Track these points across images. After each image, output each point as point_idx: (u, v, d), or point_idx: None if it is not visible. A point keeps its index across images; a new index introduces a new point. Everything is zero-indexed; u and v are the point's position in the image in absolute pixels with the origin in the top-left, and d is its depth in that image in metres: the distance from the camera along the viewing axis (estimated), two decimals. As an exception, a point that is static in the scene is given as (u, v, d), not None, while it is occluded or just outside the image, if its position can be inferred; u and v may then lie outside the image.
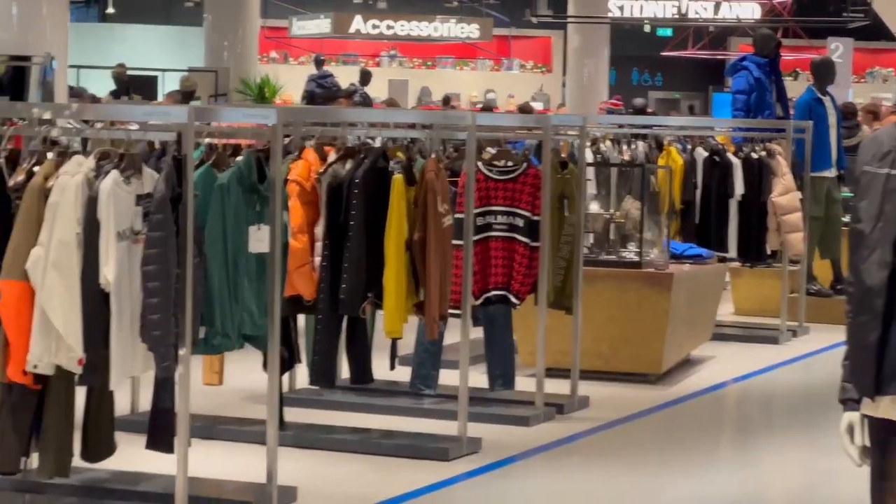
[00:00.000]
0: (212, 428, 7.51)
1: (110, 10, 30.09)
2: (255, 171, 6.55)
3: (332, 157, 7.79)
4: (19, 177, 5.95)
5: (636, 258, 9.49)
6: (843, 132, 12.80)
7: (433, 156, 7.80)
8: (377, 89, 24.41)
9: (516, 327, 8.66)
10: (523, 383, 8.49)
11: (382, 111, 12.79)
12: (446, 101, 25.21)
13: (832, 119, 12.06)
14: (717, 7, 20.58)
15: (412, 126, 8.63)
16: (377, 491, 6.72)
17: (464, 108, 25.85)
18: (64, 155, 6.05)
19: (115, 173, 5.99)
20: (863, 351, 3.48)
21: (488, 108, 23.39)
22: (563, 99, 26.16)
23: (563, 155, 9.02)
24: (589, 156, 9.94)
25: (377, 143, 7.99)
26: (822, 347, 10.83)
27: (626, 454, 8.07)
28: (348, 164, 7.76)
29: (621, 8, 22.77)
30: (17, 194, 5.89)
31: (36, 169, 5.97)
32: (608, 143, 10.86)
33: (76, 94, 17.20)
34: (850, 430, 3.54)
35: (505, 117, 14.49)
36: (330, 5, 28.71)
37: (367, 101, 19.65)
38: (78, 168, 5.85)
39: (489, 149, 8.76)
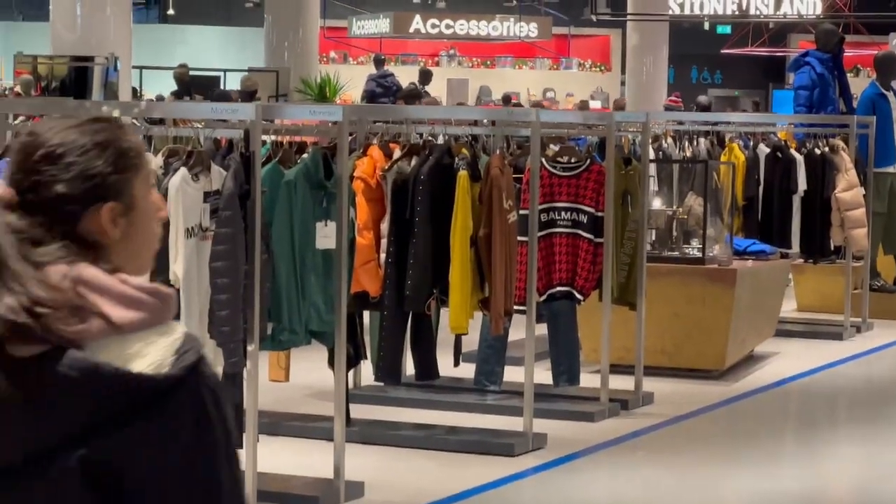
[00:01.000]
0: (278, 424, 7.55)
1: (171, 11, 30.35)
2: (321, 167, 6.59)
3: (396, 153, 7.81)
4: None
5: (699, 254, 9.52)
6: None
7: (497, 152, 7.86)
8: (437, 88, 24.48)
9: (580, 323, 8.66)
10: (588, 379, 8.48)
11: (448, 108, 12.80)
12: (507, 99, 25.07)
13: (861, 115, 12.26)
14: (777, 3, 20.35)
15: (476, 123, 8.65)
16: (443, 486, 6.76)
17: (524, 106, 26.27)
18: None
19: (183, 170, 6.04)
20: None
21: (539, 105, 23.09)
22: (624, 99, 25.76)
23: (625, 151, 9.12)
24: (651, 152, 9.97)
25: (441, 140, 8.01)
26: (886, 343, 10.83)
27: (690, 450, 8.09)
28: (413, 161, 7.79)
29: (681, 5, 22.68)
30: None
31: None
32: (669, 139, 10.83)
33: (221, 96, 17.19)
34: None
35: (568, 114, 14.42)
36: (389, 5, 28.75)
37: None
38: (146, 165, 5.95)
39: (552, 146, 8.75)
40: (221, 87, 21.89)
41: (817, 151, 10.95)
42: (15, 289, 1.68)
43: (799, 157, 10.87)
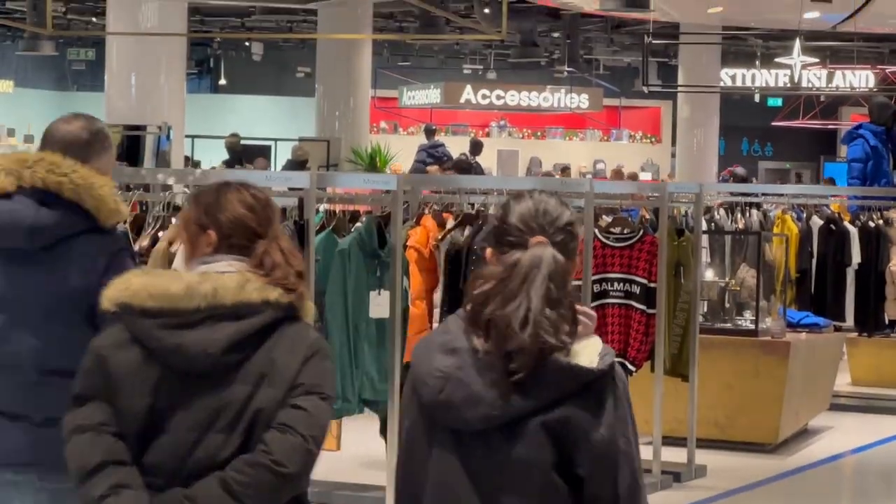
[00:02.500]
0: (329, 494, 7.48)
1: (222, 80, 30.36)
2: (375, 236, 6.64)
3: (450, 223, 7.86)
4: (144, 241, 6.08)
5: (752, 326, 9.44)
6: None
7: None
8: (487, 159, 24.51)
9: (633, 395, 8.45)
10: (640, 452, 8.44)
11: (500, 178, 12.79)
12: (563, 170, 24.86)
13: None
14: (829, 76, 20.13)
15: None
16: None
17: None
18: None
19: None
20: None
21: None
22: (672, 170, 25.89)
23: (677, 222, 9.11)
24: (703, 224, 9.99)
25: (493, 211, 8.12)
26: None
27: None
28: (466, 231, 7.83)
29: (732, 77, 22.39)
30: (142, 258, 5.96)
31: (160, 234, 6.08)
32: (721, 211, 10.84)
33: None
34: None
35: (622, 185, 14.34)
36: (440, 76, 28.92)
37: (478, 172, 19.12)
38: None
39: (605, 216, 8.78)
40: (272, 156, 22.46)
41: (871, 224, 10.91)
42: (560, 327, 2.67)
43: (853, 230, 10.84)
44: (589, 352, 2.79)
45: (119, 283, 3.27)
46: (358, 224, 7.08)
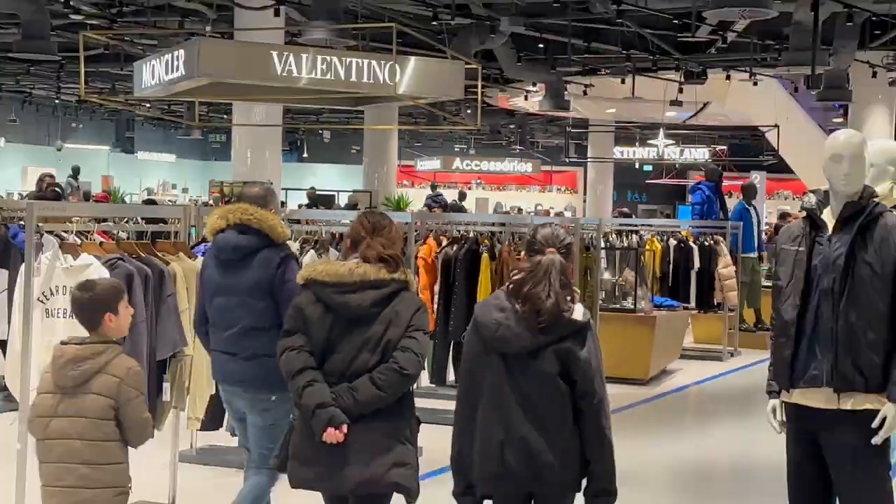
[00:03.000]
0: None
1: (305, 154, 30.10)
2: None
3: (444, 243, 7.80)
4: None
5: (632, 306, 9.50)
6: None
7: (506, 243, 7.85)
8: (469, 203, 24.22)
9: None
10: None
11: (475, 215, 12.81)
12: (519, 210, 24.75)
13: (755, 220, 11.95)
14: (681, 151, 20.06)
15: (493, 224, 8.65)
16: None
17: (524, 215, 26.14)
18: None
19: (312, 252, 6.07)
20: (781, 362, 3.39)
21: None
22: (584, 210, 25.87)
23: (585, 242, 9.18)
24: (602, 243, 10.04)
25: (471, 234, 8.01)
26: (750, 363, 10.63)
27: (621, 431, 7.75)
28: (454, 248, 7.86)
29: (622, 152, 22.19)
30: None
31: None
32: (613, 235, 10.65)
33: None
34: (773, 411, 3.48)
35: (552, 219, 14.45)
36: (440, 151, 28.94)
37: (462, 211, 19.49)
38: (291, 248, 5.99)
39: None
40: (336, 202, 22.18)
41: (706, 243, 10.89)
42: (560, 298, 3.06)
43: (695, 247, 10.83)
44: (577, 312, 3.13)
45: (308, 268, 3.60)
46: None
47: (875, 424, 3.22)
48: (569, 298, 3.13)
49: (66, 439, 3.18)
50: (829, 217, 3.33)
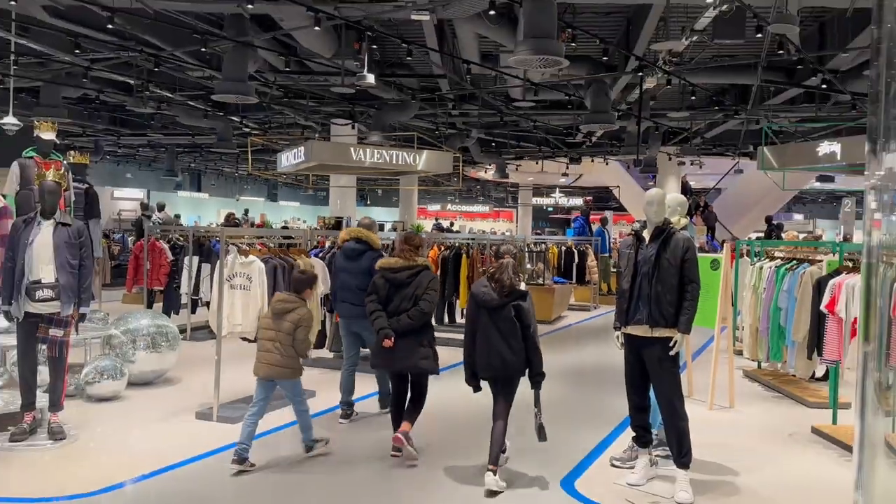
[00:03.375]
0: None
1: (368, 202, 36.93)
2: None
3: (442, 250, 9.27)
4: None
5: (543, 283, 11.19)
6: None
7: (475, 249, 9.21)
8: (455, 227, 29.32)
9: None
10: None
11: (458, 235, 16.09)
12: (482, 232, 28.21)
13: (607, 236, 14.70)
14: (568, 200, 28.09)
15: (468, 240, 10.11)
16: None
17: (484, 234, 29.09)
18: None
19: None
20: (621, 311, 4.28)
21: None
22: (517, 231, 30.77)
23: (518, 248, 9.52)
24: (527, 249, 11.68)
25: (457, 244, 9.40)
26: (605, 312, 12.55)
27: (542, 346, 7.52)
28: (447, 252, 9.26)
29: (536, 201, 29.26)
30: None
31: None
32: (532, 245, 12.87)
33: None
34: (617, 338, 4.36)
35: (501, 237, 17.20)
36: (440, 200, 36.74)
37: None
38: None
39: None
40: (378, 228, 24.64)
41: (581, 248, 13.11)
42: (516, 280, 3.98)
43: (575, 251, 13.03)
44: (522, 286, 4.17)
45: (383, 261, 4.75)
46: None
47: (671, 344, 4.06)
48: (518, 279, 4.16)
49: (270, 340, 4.38)
50: (647, 234, 4.18)
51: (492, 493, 3.97)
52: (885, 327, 1.99)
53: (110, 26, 8.28)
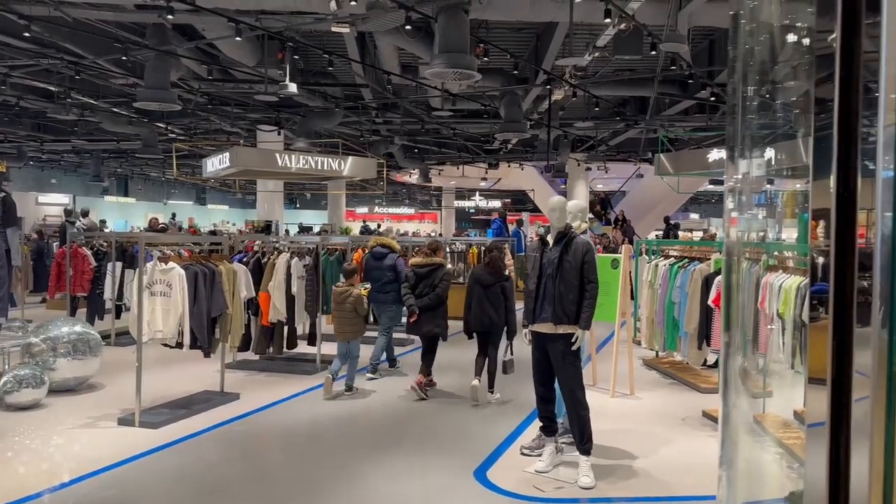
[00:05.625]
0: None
1: (297, 205, 36.29)
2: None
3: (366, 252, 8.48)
4: (265, 259, 6.95)
5: (462, 281, 11.18)
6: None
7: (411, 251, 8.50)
8: (382, 229, 25.77)
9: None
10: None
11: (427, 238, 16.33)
12: (415, 234, 27.39)
13: (523, 237, 15.00)
14: (487, 202, 27.51)
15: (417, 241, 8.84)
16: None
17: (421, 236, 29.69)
18: (279, 252, 7.00)
19: (296, 259, 7.00)
20: (529, 309, 4.49)
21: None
22: (441, 233, 29.95)
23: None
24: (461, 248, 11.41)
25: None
26: (518, 308, 10.42)
27: None
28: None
29: (458, 203, 29.16)
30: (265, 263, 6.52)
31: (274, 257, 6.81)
32: (455, 244, 13.09)
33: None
34: (525, 334, 4.48)
35: (427, 238, 16.36)
36: (367, 203, 36.60)
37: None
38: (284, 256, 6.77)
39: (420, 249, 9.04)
40: (312, 230, 25.15)
41: (502, 248, 13.15)
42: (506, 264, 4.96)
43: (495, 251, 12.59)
44: (507, 272, 5.58)
45: (413, 260, 6.19)
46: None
47: (573, 340, 4.22)
48: (504, 266, 5.53)
49: (342, 316, 5.95)
50: (551, 238, 4.35)
51: (474, 389, 6.02)
52: (752, 318, 2.05)
53: (27, 34, 8.07)
